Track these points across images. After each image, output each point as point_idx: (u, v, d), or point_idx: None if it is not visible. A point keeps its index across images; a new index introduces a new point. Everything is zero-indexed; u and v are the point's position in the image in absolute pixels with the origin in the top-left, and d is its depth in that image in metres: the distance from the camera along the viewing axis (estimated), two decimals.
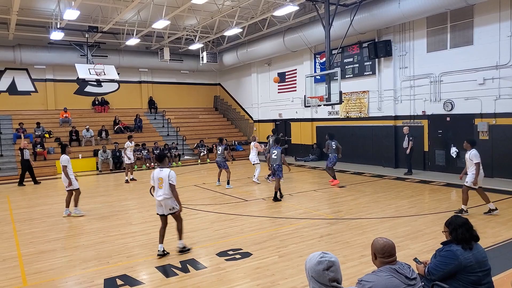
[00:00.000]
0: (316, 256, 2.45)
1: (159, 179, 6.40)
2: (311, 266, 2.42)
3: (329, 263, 2.40)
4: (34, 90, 21.98)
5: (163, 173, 6.38)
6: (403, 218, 8.27)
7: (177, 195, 6.38)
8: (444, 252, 3.53)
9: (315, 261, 2.42)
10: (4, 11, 15.93)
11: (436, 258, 3.60)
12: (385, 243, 2.94)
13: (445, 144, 14.00)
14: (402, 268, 2.87)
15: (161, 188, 6.36)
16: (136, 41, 19.55)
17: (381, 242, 2.96)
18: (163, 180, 6.35)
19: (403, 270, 2.86)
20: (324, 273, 2.38)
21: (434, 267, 3.54)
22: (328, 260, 2.41)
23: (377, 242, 2.98)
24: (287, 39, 18.46)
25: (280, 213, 9.06)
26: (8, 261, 6.33)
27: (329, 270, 2.38)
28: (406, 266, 2.92)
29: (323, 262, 2.40)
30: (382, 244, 2.94)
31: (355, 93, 17.21)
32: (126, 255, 6.44)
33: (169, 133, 22.91)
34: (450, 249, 3.49)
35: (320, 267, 2.39)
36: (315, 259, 2.43)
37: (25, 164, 14.75)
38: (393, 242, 2.98)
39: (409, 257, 4.72)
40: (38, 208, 10.59)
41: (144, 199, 11.39)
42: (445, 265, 3.46)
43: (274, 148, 10.73)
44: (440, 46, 13.99)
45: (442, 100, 13.97)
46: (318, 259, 2.41)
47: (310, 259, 2.47)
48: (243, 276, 5.42)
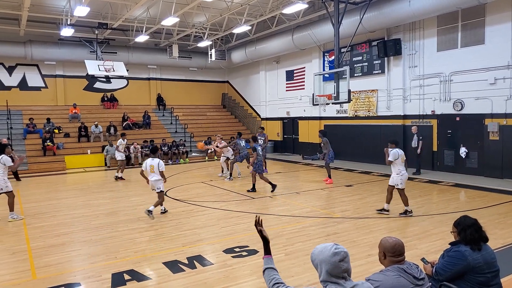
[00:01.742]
0: (329, 247, 2.41)
1: (150, 166, 8.68)
2: (325, 258, 2.37)
3: (344, 253, 2.38)
4: (44, 86, 22.20)
5: (154, 162, 8.68)
6: (410, 218, 8.23)
7: (164, 178, 8.73)
8: (452, 253, 3.50)
9: (329, 253, 2.37)
10: (15, 8, 16.08)
11: (444, 258, 3.58)
12: (396, 242, 2.91)
13: (454, 144, 13.88)
14: (410, 268, 2.85)
15: (152, 172, 8.66)
16: (145, 38, 19.63)
17: (391, 241, 2.93)
18: (154, 167, 8.62)
19: (411, 270, 2.84)
20: (340, 264, 2.35)
21: (442, 267, 3.52)
22: (343, 251, 2.39)
23: (387, 241, 2.95)
24: (296, 37, 18.41)
25: (286, 211, 9.06)
26: (17, 255, 6.41)
27: (344, 261, 2.37)
28: (414, 266, 2.90)
29: (339, 253, 2.37)
30: (392, 243, 2.91)
31: (364, 92, 17.12)
32: (134, 250, 6.49)
33: (177, 130, 23.00)
34: (459, 250, 3.46)
35: (336, 258, 2.35)
36: (328, 250, 2.39)
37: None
38: (402, 241, 2.97)
39: (417, 257, 4.70)
40: (47, 202, 10.70)
41: (151, 195, 11.40)
42: (453, 265, 3.44)
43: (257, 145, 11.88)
44: (451, 45, 13.85)
45: (452, 99, 13.84)
46: (334, 251, 2.37)
47: (321, 251, 2.42)
48: (250, 273, 5.43)
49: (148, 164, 8.71)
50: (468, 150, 13.26)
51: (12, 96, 20.93)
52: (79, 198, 11.31)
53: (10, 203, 8.72)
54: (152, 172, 8.64)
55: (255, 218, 2.93)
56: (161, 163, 8.69)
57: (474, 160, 13.28)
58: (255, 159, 11.20)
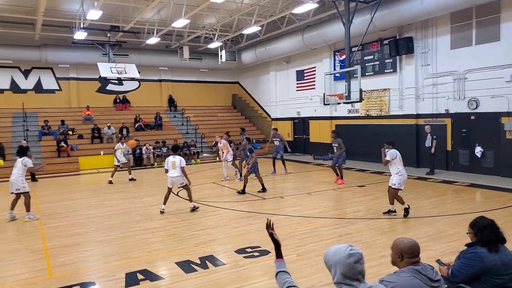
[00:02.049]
0: (344, 248, 2.38)
1: (172, 163, 9.08)
2: (340, 260, 2.35)
3: (359, 255, 2.36)
4: (58, 88, 22.54)
5: (176, 159, 9.13)
6: (424, 218, 8.13)
7: (186, 173, 9.16)
8: (469, 254, 3.44)
9: (345, 254, 2.35)
10: (30, 12, 16.36)
11: (460, 260, 3.51)
12: (413, 243, 2.85)
13: (469, 143, 13.67)
14: (425, 269, 2.79)
15: (174, 169, 9.06)
16: (156, 40, 19.78)
17: (407, 242, 2.86)
18: (176, 163, 9.05)
19: (426, 271, 2.78)
20: (355, 265, 2.33)
21: (458, 269, 3.46)
22: (358, 252, 2.37)
23: (403, 242, 2.88)
24: (306, 37, 18.35)
25: (298, 212, 9.03)
26: (35, 254, 6.52)
27: (359, 263, 2.34)
28: (429, 268, 2.84)
29: (355, 255, 2.34)
30: (409, 244, 2.85)
31: (376, 91, 16.98)
32: (147, 251, 6.54)
33: (188, 131, 23.12)
34: (475, 251, 3.40)
35: (352, 259, 2.33)
36: (343, 252, 2.36)
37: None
38: (417, 242, 2.92)
39: (431, 259, 4.63)
40: (62, 203, 10.85)
41: (163, 195, 11.49)
42: (469, 267, 3.38)
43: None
44: (465, 42, 13.65)
45: (467, 98, 13.64)
46: (349, 252, 2.35)
47: (335, 253, 2.39)
48: (262, 274, 5.42)
49: (170, 161, 9.14)
50: (484, 150, 13.04)
51: (28, 99, 21.31)
52: (92, 198, 11.45)
53: (27, 204, 8.89)
54: (173, 169, 9.06)
55: (267, 221, 2.91)
56: (183, 160, 9.19)
57: (490, 159, 13.06)
58: (255, 160, 11.20)
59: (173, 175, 9.09)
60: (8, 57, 20.23)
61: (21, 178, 8.92)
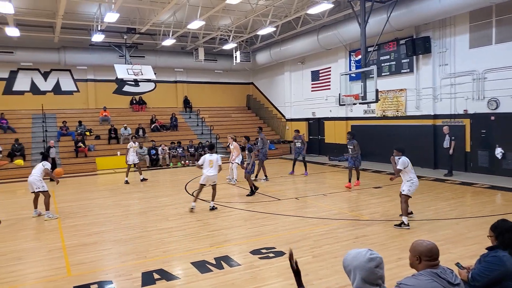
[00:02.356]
0: (364, 253, 2.35)
1: (210, 161, 9.27)
2: (360, 264, 2.32)
3: (379, 259, 2.33)
4: (76, 90, 22.94)
5: (213, 157, 9.33)
6: (443, 221, 8.00)
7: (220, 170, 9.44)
8: (490, 258, 3.37)
9: (365, 259, 2.32)
10: (50, 16, 16.72)
11: (480, 263, 3.44)
12: (432, 245, 2.79)
13: (489, 145, 13.38)
14: (444, 273, 2.72)
15: (211, 167, 9.26)
16: (172, 41, 19.97)
17: (427, 244, 2.80)
18: (213, 161, 9.26)
19: (445, 274, 2.71)
20: (375, 270, 2.30)
21: (478, 273, 3.38)
22: (379, 257, 2.34)
23: (421, 244, 2.81)
24: (321, 37, 18.26)
25: (313, 213, 8.98)
26: (53, 252, 6.64)
27: (379, 267, 2.32)
28: (449, 271, 2.76)
29: (375, 259, 2.32)
30: (429, 247, 2.78)
31: (392, 91, 16.79)
32: (163, 250, 6.59)
33: (203, 131, 23.25)
34: (496, 255, 3.32)
35: (372, 264, 2.31)
36: (363, 256, 2.33)
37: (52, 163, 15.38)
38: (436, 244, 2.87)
39: (450, 262, 4.55)
40: (79, 202, 11.02)
41: (179, 195, 11.61)
42: (490, 271, 3.30)
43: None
44: (484, 41, 13.37)
45: (486, 98, 13.36)
46: (369, 256, 2.32)
47: (355, 257, 2.36)
48: (277, 275, 5.41)
49: (207, 159, 9.33)
50: (505, 151, 12.75)
51: (47, 100, 21.75)
52: (109, 198, 11.60)
53: (46, 203, 9.11)
54: (211, 167, 9.26)
55: (289, 251, 2.88)
56: (219, 158, 9.49)
57: (511, 161, 12.76)
58: (253, 161, 11.12)
59: (211, 173, 9.26)
60: (29, 60, 20.74)
61: (39, 178, 9.19)
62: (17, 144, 17.72)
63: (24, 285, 5.37)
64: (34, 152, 18.41)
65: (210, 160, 9.26)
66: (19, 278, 5.59)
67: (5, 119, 19.72)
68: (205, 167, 9.30)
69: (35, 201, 9.35)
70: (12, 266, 6.06)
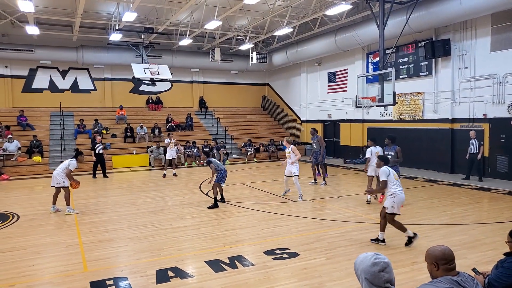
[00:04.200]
0: (369, 257, 2.38)
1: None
2: (365, 268, 2.36)
3: (384, 264, 2.34)
4: (93, 88, 23.29)
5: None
6: (459, 226, 7.87)
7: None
8: (508, 264, 3.31)
9: (369, 263, 2.35)
10: (69, 15, 17.03)
11: (498, 269, 3.38)
12: (444, 249, 2.74)
13: (509, 150, 13.12)
14: (464, 281, 2.65)
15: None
16: (189, 41, 20.11)
17: (439, 249, 2.75)
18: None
19: (465, 283, 2.64)
20: (380, 274, 2.32)
21: (496, 278, 3.33)
22: (383, 261, 2.35)
23: (435, 250, 2.76)
24: (339, 39, 18.16)
25: (328, 215, 8.94)
26: (70, 248, 6.75)
27: (384, 271, 2.33)
28: (470, 279, 2.70)
29: (379, 264, 2.34)
30: (442, 251, 2.74)
31: (410, 94, 16.59)
32: (177, 249, 6.64)
33: (218, 132, 23.34)
34: None
35: (376, 268, 2.33)
36: (368, 260, 2.37)
37: (98, 158, 15.71)
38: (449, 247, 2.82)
39: (466, 267, 4.48)
40: (96, 200, 11.19)
41: (195, 195, 11.68)
42: (508, 277, 3.24)
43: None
44: (507, 44, 13.10)
45: (507, 102, 13.10)
46: (373, 261, 2.35)
47: (362, 261, 2.40)
48: (290, 276, 5.40)
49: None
50: None
51: (65, 98, 22.13)
52: (125, 196, 11.74)
53: (67, 198, 9.34)
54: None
55: None
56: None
57: None
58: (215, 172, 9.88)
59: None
60: (48, 58, 21.16)
61: (62, 173, 9.39)
62: (35, 141, 18.09)
63: (42, 279, 5.47)
64: (51, 150, 18.75)
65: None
66: (38, 272, 5.71)
67: (25, 116, 20.15)
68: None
69: (55, 196, 9.54)
70: (31, 260, 6.18)
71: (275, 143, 22.33)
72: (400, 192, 6.52)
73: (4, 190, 13.27)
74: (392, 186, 6.53)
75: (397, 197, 6.47)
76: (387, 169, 6.59)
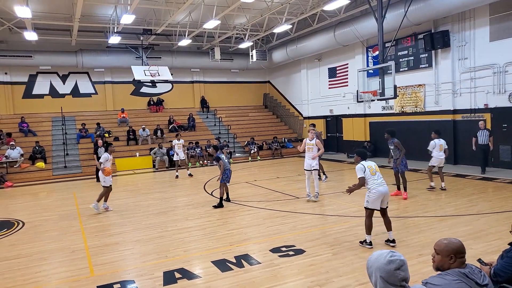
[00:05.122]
0: (385, 255, 2.34)
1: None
2: (381, 266, 2.31)
3: (400, 262, 2.30)
4: (94, 92, 23.34)
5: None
6: (464, 217, 7.86)
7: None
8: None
9: (385, 261, 2.31)
10: (67, 19, 17.05)
11: (503, 259, 3.39)
12: (460, 242, 2.74)
13: (511, 139, 13.07)
14: (472, 273, 2.65)
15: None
16: (188, 41, 20.11)
17: (456, 242, 2.74)
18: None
19: (473, 275, 2.64)
20: (396, 272, 2.28)
21: (501, 268, 3.33)
22: (399, 259, 2.31)
23: (452, 242, 2.75)
24: (338, 34, 18.12)
25: (333, 211, 8.95)
26: (76, 253, 6.78)
27: (400, 269, 2.29)
28: (477, 271, 2.70)
29: (395, 262, 2.30)
30: (459, 243, 2.73)
31: (410, 87, 16.55)
32: (183, 250, 6.66)
33: (221, 131, 23.35)
34: None
35: (392, 266, 2.29)
36: (383, 258, 2.32)
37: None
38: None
39: (472, 258, 4.46)
40: (100, 203, 11.18)
41: (199, 195, 11.71)
42: None
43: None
44: (506, 34, 13.05)
45: (507, 92, 13.05)
46: (389, 258, 2.30)
47: (377, 259, 2.35)
48: (297, 273, 5.41)
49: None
50: None
51: (66, 103, 22.19)
52: (129, 199, 11.77)
53: (100, 195, 10.01)
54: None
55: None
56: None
57: None
58: (223, 170, 9.93)
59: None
60: (47, 63, 21.20)
61: (101, 172, 10.00)
62: (38, 146, 18.13)
63: (49, 285, 5.50)
64: (54, 155, 18.79)
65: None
66: (44, 278, 5.73)
67: (26, 123, 20.20)
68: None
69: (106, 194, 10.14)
70: (37, 266, 6.21)
71: (278, 141, 22.34)
72: (376, 186, 6.25)
73: (8, 197, 13.33)
74: (368, 181, 6.34)
75: (373, 192, 6.28)
76: (362, 166, 6.38)
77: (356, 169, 6.45)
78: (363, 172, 6.34)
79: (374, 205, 6.30)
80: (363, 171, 6.33)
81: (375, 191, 6.24)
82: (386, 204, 6.42)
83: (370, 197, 6.31)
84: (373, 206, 6.31)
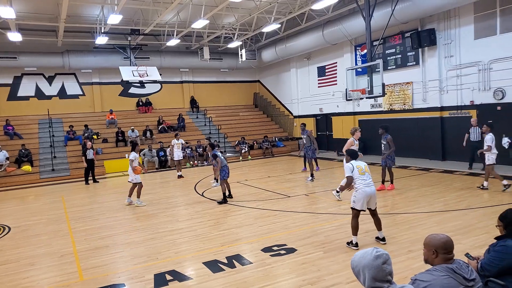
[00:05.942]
0: (370, 251, 2.37)
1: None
2: (368, 263, 2.33)
3: (386, 256, 2.35)
4: (82, 93, 23.07)
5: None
6: (452, 212, 7.97)
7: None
8: (499, 247, 3.36)
9: (371, 257, 2.34)
10: (52, 20, 16.80)
11: (489, 253, 3.43)
12: (446, 238, 2.80)
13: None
14: (459, 268, 2.71)
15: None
16: (177, 41, 20.00)
17: (440, 238, 2.80)
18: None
19: (460, 270, 2.70)
20: (383, 267, 2.32)
21: (488, 262, 3.38)
22: (385, 253, 2.36)
23: (435, 238, 2.82)
24: (326, 32, 18.19)
25: (323, 209, 8.99)
26: (65, 257, 6.70)
27: (387, 263, 2.34)
28: (465, 266, 2.76)
29: (381, 256, 2.33)
30: (443, 240, 2.79)
31: (398, 85, 16.69)
32: (174, 251, 6.63)
33: (211, 131, 23.29)
34: (505, 244, 3.32)
35: (379, 261, 2.32)
36: (370, 254, 2.35)
37: (90, 164, 15.55)
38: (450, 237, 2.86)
39: (460, 253, 4.52)
40: (89, 206, 11.11)
41: (189, 196, 11.67)
42: (499, 260, 3.29)
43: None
44: (489, 32, 13.25)
45: (492, 88, 13.25)
46: (375, 254, 2.34)
47: (362, 257, 2.38)
48: (289, 272, 5.43)
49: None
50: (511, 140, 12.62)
51: (52, 104, 21.88)
52: (119, 201, 11.64)
53: (138, 192, 10.58)
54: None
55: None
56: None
57: None
58: (220, 167, 10.18)
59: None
60: (33, 65, 20.85)
61: (131, 170, 10.45)
62: (24, 149, 17.83)
63: None
64: (42, 158, 18.51)
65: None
66: (33, 284, 5.65)
67: (11, 125, 19.81)
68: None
69: (131, 190, 10.73)
70: (25, 272, 6.12)
71: (268, 140, 22.35)
72: (363, 186, 6.15)
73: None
74: (356, 181, 6.26)
75: (359, 192, 6.18)
76: (351, 165, 6.33)
77: (345, 168, 6.43)
78: (351, 171, 6.27)
79: (360, 206, 6.19)
80: (352, 170, 6.27)
81: (361, 191, 6.16)
82: (375, 205, 6.39)
83: (356, 197, 6.21)
84: (359, 206, 6.19)
